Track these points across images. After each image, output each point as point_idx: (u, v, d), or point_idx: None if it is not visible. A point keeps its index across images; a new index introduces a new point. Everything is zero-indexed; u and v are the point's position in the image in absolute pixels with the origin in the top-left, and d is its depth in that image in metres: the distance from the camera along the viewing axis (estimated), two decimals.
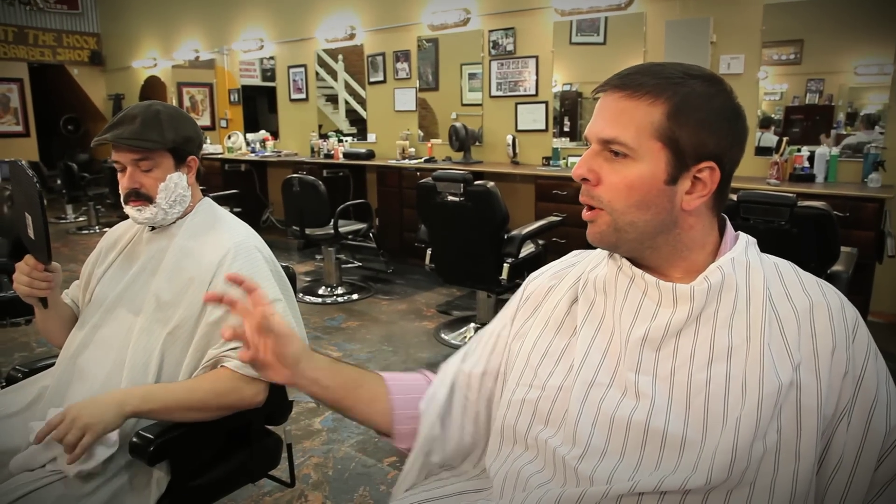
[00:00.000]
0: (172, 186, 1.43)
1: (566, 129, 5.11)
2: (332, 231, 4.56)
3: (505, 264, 3.35)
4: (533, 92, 5.20)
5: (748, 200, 2.44)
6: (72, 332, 1.46)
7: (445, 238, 3.62)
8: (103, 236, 1.61)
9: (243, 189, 6.49)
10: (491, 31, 5.35)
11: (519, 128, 5.30)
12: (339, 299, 4.67)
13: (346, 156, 6.08)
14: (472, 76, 5.59)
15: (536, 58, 5.13)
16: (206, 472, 1.42)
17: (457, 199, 3.38)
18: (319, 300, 4.66)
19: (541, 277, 1.03)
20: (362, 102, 6.54)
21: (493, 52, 5.36)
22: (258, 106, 7.97)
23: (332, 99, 6.95)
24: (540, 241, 3.80)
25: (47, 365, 1.55)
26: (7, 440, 1.29)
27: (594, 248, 0.97)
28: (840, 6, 3.78)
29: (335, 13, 6.50)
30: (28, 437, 1.21)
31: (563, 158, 4.89)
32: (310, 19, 6.79)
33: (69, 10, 10.16)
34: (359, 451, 2.51)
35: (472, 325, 3.89)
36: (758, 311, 0.81)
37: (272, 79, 7.47)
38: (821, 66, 3.93)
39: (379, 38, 6.20)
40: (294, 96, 7.24)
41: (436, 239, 3.66)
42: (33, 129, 9.97)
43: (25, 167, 1.31)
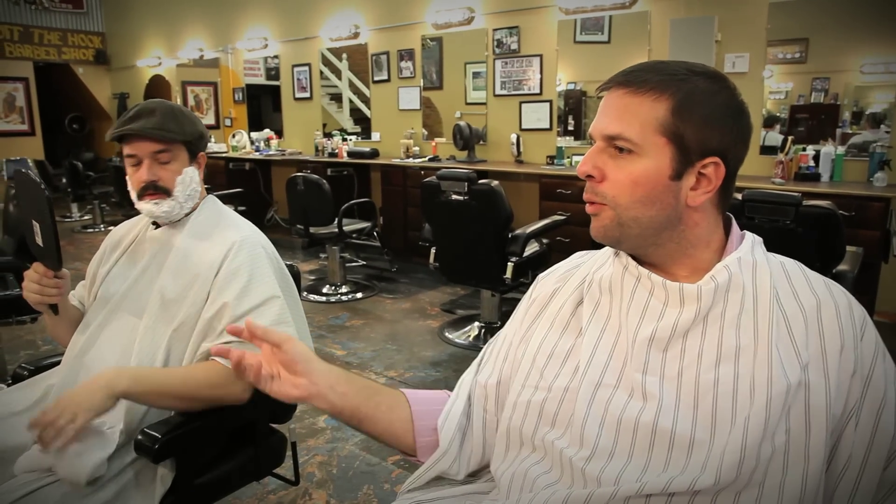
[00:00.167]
0: (188, 181, 1.45)
1: (570, 127, 5.10)
2: (337, 230, 4.56)
3: (509, 263, 3.35)
4: (537, 91, 5.19)
5: (753, 199, 2.43)
6: (77, 330, 1.46)
7: (449, 237, 3.62)
8: (107, 235, 1.62)
9: (247, 188, 6.49)
10: (495, 30, 5.34)
11: (523, 127, 5.29)
12: (344, 298, 4.67)
13: (350, 154, 6.08)
14: (476, 75, 5.59)
15: (541, 56, 5.12)
16: (211, 469, 1.43)
17: (461, 197, 3.38)
18: (323, 299, 4.66)
19: (546, 279, 1.03)
20: (366, 101, 6.54)
21: (498, 50, 5.36)
22: (262, 105, 7.98)
23: (337, 98, 6.95)
24: (544, 240, 3.80)
25: (53, 363, 1.55)
26: (13, 438, 1.30)
27: (598, 247, 0.97)
28: (846, 4, 3.76)
29: (339, 12, 6.50)
30: (33, 436, 1.21)
31: (568, 157, 4.88)
32: (314, 18, 6.80)
33: (74, 10, 10.19)
34: (363, 450, 2.51)
35: (476, 323, 3.88)
36: (765, 311, 0.80)
37: (276, 78, 7.48)
38: (826, 64, 3.91)
39: (383, 36, 6.20)
40: (298, 95, 7.25)
41: (440, 238, 3.66)
42: (39, 128, 10.00)
43: (33, 175, 1.31)
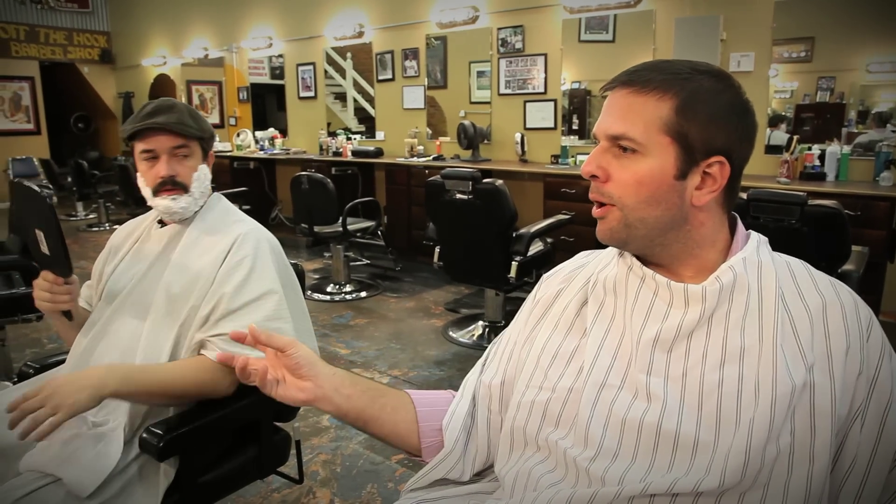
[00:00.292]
0: (202, 178, 1.47)
1: (575, 127, 5.10)
2: (341, 229, 4.57)
3: (513, 262, 3.35)
4: (542, 90, 5.19)
5: (758, 199, 2.42)
6: (83, 328, 1.46)
7: (454, 236, 3.62)
8: (113, 234, 1.62)
9: (252, 187, 6.51)
10: (500, 29, 5.34)
11: (527, 126, 5.29)
12: (348, 297, 4.68)
13: (354, 153, 6.09)
14: (480, 74, 5.58)
15: (545, 56, 5.11)
16: (215, 467, 1.43)
17: (465, 197, 3.38)
18: (328, 298, 4.67)
19: (551, 279, 1.02)
20: (371, 100, 6.54)
21: (502, 49, 5.35)
22: (267, 104, 7.99)
23: (341, 97, 6.96)
24: (548, 240, 3.80)
25: (58, 361, 1.56)
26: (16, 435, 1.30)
27: (603, 247, 0.97)
28: (851, 3, 3.75)
29: (344, 11, 6.50)
30: (10, 418, 1.19)
31: (572, 156, 4.87)
32: (318, 17, 6.80)
33: (80, 9, 10.23)
34: (367, 449, 2.52)
35: (480, 322, 3.88)
36: (770, 312, 0.80)
37: (281, 77, 7.49)
38: (832, 63, 3.90)
39: (387, 35, 6.20)
40: (303, 94, 7.26)
41: (444, 237, 3.66)
42: (44, 127, 10.05)
43: (31, 185, 1.30)
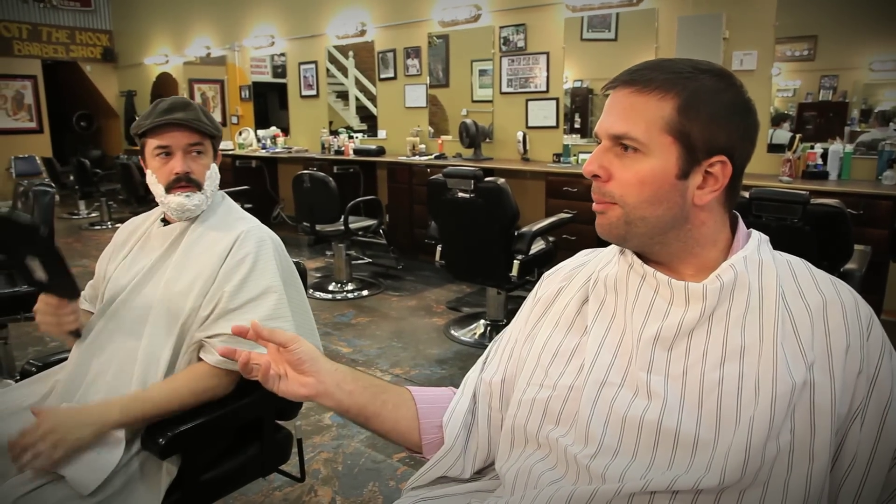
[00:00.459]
0: (214, 176, 1.48)
1: (577, 125, 5.10)
2: (343, 227, 4.57)
3: (515, 261, 3.35)
4: (544, 88, 5.18)
5: (760, 198, 2.42)
6: (85, 326, 1.46)
7: (456, 234, 3.62)
8: (116, 232, 1.62)
9: (254, 185, 6.51)
10: (502, 28, 5.33)
11: (529, 124, 5.29)
12: (350, 295, 4.68)
13: (356, 152, 6.09)
14: (482, 72, 5.58)
15: (547, 54, 5.11)
16: (217, 465, 1.44)
17: (467, 195, 3.38)
18: (329, 296, 4.67)
19: (552, 278, 1.02)
20: (373, 99, 6.54)
21: (504, 48, 5.35)
22: (269, 102, 7.99)
23: (343, 95, 6.96)
24: (550, 238, 3.80)
25: (61, 359, 1.56)
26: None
27: (604, 245, 0.97)
28: (854, 1, 3.73)
29: (346, 9, 6.50)
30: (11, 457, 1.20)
31: (574, 155, 4.87)
32: (320, 16, 6.80)
33: (82, 8, 10.23)
34: (368, 447, 2.52)
35: (482, 321, 3.88)
36: (771, 311, 0.80)
37: (283, 75, 7.49)
38: (835, 62, 3.89)
39: (389, 34, 6.20)
40: (305, 93, 7.26)
41: (446, 235, 3.66)
42: (47, 126, 10.06)
43: (19, 217, 1.27)
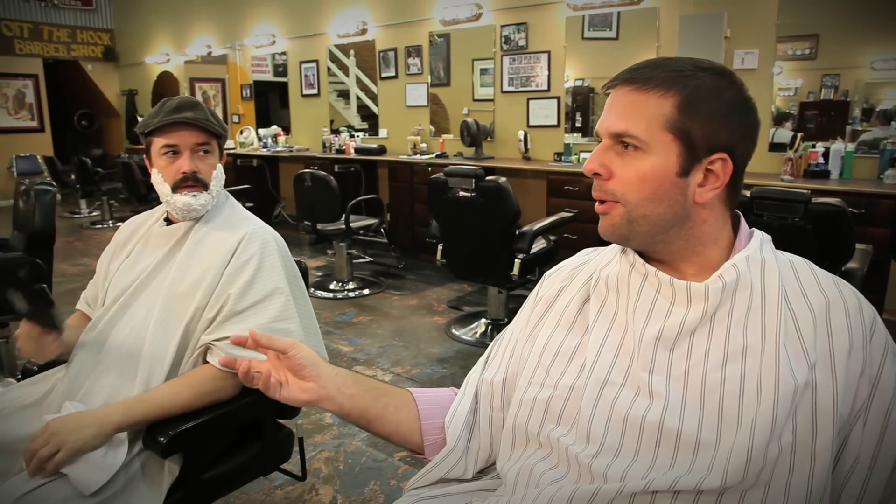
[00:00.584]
0: (219, 176, 1.47)
1: (578, 124, 5.09)
2: (344, 226, 4.57)
3: (516, 260, 3.35)
4: (545, 87, 5.18)
5: (762, 197, 2.42)
6: (88, 325, 1.46)
7: (457, 233, 3.62)
8: (117, 231, 1.62)
9: (255, 184, 6.51)
10: (503, 27, 5.33)
11: (531, 123, 5.28)
12: (351, 294, 4.68)
13: (357, 151, 6.09)
14: (483, 71, 5.57)
15: (548, 53, 5.11)
16: (218, 464, 1.44)
17: (468, 194, 3.38)
18: (330, 295, 4.67)
19: (553, 277, 1.02)
20: (374, 98, 6.54)
21: (505, 47, 5.34)
22: (270, 101, 7.99)
23: (344, 94, 6.95)
24: (551, 237, 3.80)
25: (63, 360, 1.56)
26: (23, 430, 1.30)
27: (605, 244, 0.96)
28: (856, 0, 3.73)
29: (347, 8, 6.50)
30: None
31: (575, 154, 4.87)
32: (321, 15, 6.80)
33: (83, 7, 10.24)
34: (369, 446, 2.52)
35: (483, 320, 3.88)
36: (773, 311, 0.80)
37: (284, 74, 7.49)
38: (836, 61, 3.89)
39: (390, 33, 6.20)
40: (306, 92, 7.26)
41: (447, 234, 3.66)
42: (48, 125, 10.07)
43: (5, 257, 1.26)
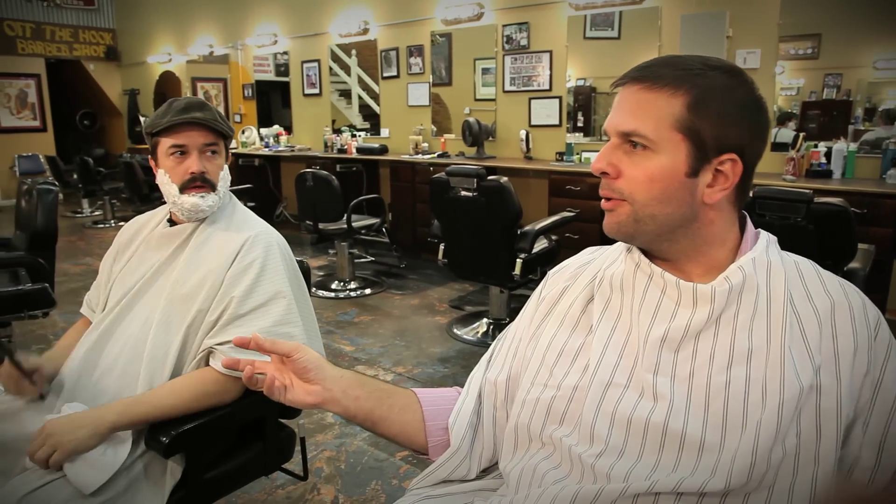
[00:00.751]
0: (226, 176, 1.48)
1: (580, 124, 5.09)
2: (345, 226, 4.57)
3: (518, 260, 3.35)
4: (547, 87, 5.17)
5: (764, 196, 2.41)
6: (91, 326, 1.46)
7: (458, 233, 3.61)
8: (119, 231, 1.61)
9: (257, 184, 6.51)
10: (505, 26, 5.32)
11: (532, 123, 5.28)
12: (352, 294, 4.68)
13: (359, 151, 6.09)
14: (485, 71, 5.57)
15: (550, 52, 5.10)
16: (220, 464, 1.44)
17: (470, 194, 3.38)
18: (332, 295, 4.67)
19: (556, 276, 1.02)
20: (375, 97, 6.54)
21: (507, 46, 5.34)
22: (272, 101, 8.00)
23: (346, 94, 6.95)
24: (553, 237, 3.79)
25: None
26: (25, 429, 1.30)
27: (610, 243, 0.96)
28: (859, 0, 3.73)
29: (349, 8, 6.50)
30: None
31: (577, 154, 4.87)
32: (323, 14, 6.80)
33: (85, 6, 10.25)
34: (371, 446, 2.52)
35: (484, 320, 3.87)
36: (779, 314, 0.79)
37: (286, 74, 7.49)
38: (839, 60, 3.88)
39: (392, 32, 6.20)
40: (307, 91, 7.26)
41: (449, 234, 3.66)
42: (50, 124, 10.08)
43: None
